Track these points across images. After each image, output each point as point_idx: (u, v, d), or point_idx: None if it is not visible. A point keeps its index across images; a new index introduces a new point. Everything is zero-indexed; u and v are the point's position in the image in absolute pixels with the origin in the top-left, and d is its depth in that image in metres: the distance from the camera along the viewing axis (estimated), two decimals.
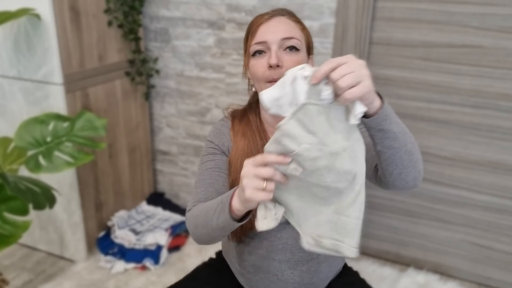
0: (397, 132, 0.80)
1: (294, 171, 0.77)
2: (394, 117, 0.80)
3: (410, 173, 0.85)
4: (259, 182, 0.75)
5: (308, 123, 0.73)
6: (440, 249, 2.00)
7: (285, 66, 0.94)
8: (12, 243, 1.53)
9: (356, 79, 0.69)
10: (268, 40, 0.96)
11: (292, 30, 0.98)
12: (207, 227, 0.91)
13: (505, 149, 1.78)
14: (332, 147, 0.74)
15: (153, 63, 2.24)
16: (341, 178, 0.76)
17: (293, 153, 0.75)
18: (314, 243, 0.81)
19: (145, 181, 2.43)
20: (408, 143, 0.82)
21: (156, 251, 2.04)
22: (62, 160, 1.59)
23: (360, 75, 0.69)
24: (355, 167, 0.76)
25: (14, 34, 1.78)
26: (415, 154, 0.84)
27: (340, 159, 0.75)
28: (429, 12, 1.72)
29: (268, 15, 0.99)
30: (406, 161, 0.83)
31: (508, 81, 1.69)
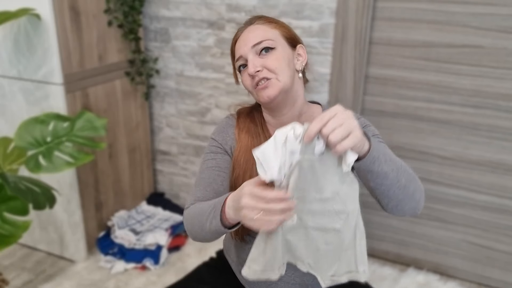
0: (388, 171, 0.81)
1: (290, 221, 0.81)
2: (384, 157, 0.81)
3: (407, 205, 0.87)
4: (256, 213, 0.75)
5: (302, 176, 0.77)
6: (440, 249, 2.00)
7: (266, 66, 0.97)
8: (12, 243, 1.53)
9: (346, 132, 0.72)
10: (243, 54, 0.99)
11: (262, 33, 0.99)
12: (202, 229, 0.93)
13: (505, 149, 1.78)
14: (325, 193, 0.80)
15: (153, 63, 2.24)
16: (335, 219, 0.82)
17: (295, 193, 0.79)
18: (332, 282, 0.88)
19: (145, 181, 2.43)
20: (402, 178, 0.84)
21: (156, 251, 2.04)
22: (62, 160, 1.59)
23: (350, 127, 0.72)
24: (347, 208, 0.81)
25: (14, 34, 1.78)
26: (410, 187, 0.85)
27: (332, 202, 0.80)
28: (429, 12, 1.72)
29: (240, 30, 1.02)
30: (401, 195, 0.85)
31: (508, 81, 1.69)
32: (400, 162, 0.86)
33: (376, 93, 1.90)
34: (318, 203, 0.81)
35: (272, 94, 0.97)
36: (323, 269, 0.88)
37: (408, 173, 0.86)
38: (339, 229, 0.82)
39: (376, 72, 1.87)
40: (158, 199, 2.45)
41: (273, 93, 0.97)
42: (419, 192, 0.88)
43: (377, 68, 1.86)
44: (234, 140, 1.07)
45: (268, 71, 0.97)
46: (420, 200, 0.89)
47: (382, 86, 1.88)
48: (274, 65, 0.97)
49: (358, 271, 0.87)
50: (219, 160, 1.05)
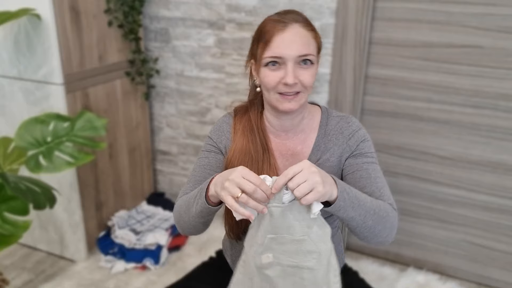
0: (354, 216, 0.88)
1: (266, 259, 0.89)
2: (352, 204, 0.87)
3: (372, 240, 0.95)
4: (236, 191, 0.80)
5: (273, 220, 0.85)
6: (440, 249, 2.00)
7: (300, 81, 0.96)
8: (12, 243, 1.53)
9: (310, 187, 0.78)
10: (285, 57, 0.94)
11: (308, 43, 0.96)
12: (188, 215, 0.97)
13: (505, 149, 1.78)
14: (295, 235, 0.86)
15: (153, 63, 2.24)
16: (308, 257, 0.88)
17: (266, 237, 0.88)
18: None
19: (145, 181, 2.43)
20: (369, 220, 0.90)
21: (156, 251, 2.04)
22: (62, 160, 1.59)
23: (313, 183, 0.78)
24: (318, 248, 0.87)
25: (14, 34, 1.78)
26: (377, 227, 0.92)
27: (304, 243, 0.87)
28: (429, 12, 1.72)
29: (282, 23, 0.95)
30: (366, 233, 0.92)
31: (508, 81, 1.70)
32: (371, 204, 0.91)
33: (376, 93, 1.90)
34: (291, 244, 0.87)
35: (294, 108, 0.98)
36: None
37: (377, 215, 0.91)
38: (312, 267, 0.88)
39: (376, 72, 1.87)
40: (158, 199, 2.45)
41: (296, 107, 0.98)
42: (388, 230, 0.94)
43: (377, 68, 1.87)
44: (229, 139, 1.07)
45: (301, 85, 0.96)
46: (388, 236, 0.95)
47: (382, 86, 1.88)
48: (309, 82, 0.97)
49: None
50: (211, 159, 1.07)
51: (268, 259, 0.90)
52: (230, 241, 1.14)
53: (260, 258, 0.90)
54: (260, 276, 0.93)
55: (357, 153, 1.04)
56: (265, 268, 0.91)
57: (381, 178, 1.02)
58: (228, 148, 1.06)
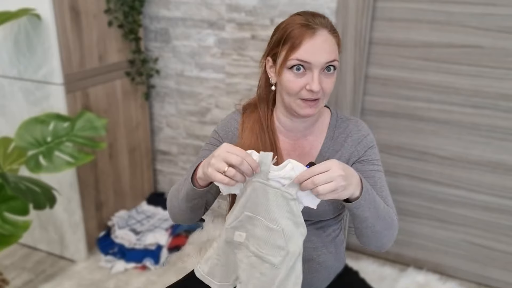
0: (368, 217, 0.89)
1: (239, 237, 0.89)
2: (369, 206, 0.88)
3: (372, 244, 0.98)
4: (223, 165, 0.81)
5: (254, 196, 0.85)
6: (440, 249, 2.00)
7: (322, 87, 0.96)
8: (12, 243, 1.53)
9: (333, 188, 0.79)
10: (313, 63, 0.94)
11: (334, 50, 0.96)
12: (177, 199, 0.99)
13: (505, 149, 1.78)
14: (269, 222, 0.85)
15: (153, 63, 2.24)
16: (275, 252, 0.86)
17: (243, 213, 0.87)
18: None
19: (145, 181, 2.43)
20: (378, 226, 0.92)
21: (156, 251, 2.04)
22: (62, 160, 1.59)
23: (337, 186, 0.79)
24: (287, 246, 0.85)
25: (14, 34, 1.78)
26: (383, 233, 0.94)
27: (275, 234, 0.85)
28: (429, 12, 1.72)
29: (312, 28, 0.94)
30: (371, 237, 0.94)
31: (507, 81, 1.70)
32: (383, 210, 0.92)
33: (376, 93, 1.90)
34: (263, 230, 0.86)
35: (313, 113, 0.99)
36: None
37: (386, 221, 0.93)
38: (275, 264, 0.87)
39: (376, 72, 1.87)
40: (158, 199, 2.45)
41: (314, 112, 0.99)
42: (390, 237, 0.97)
43: (377, 68, 1.87)
44: (235, 136, 1.07)
45: (322, 92, 0.97)
46: (386, 244, 0.98)
47: (382, 86, 1.88)
48: (330, 89, 0.98)
49: None
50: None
51: (240, 238, 0.89)
52: None
53: (233, 233, 0.89)
54: (227, 254, 0.92)
55: (365, 159, 1.04)
56: (235, 247, 0.91)
57: (386, 187, 1.04)
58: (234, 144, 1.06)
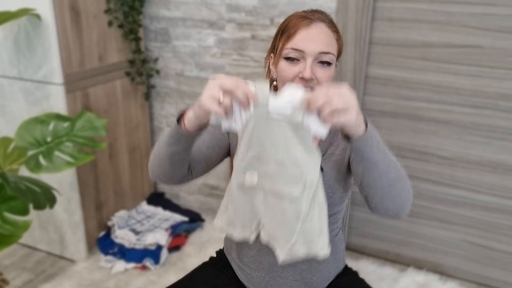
0: (378, 160, 0.82)
1: (250, 179, 0.83)
2: (376, 145, 0.82)
3: (391, 203, 0.86)
4: (218, 91, 0.77)
5: (257, 131, 0.80)
6: (440, 249, 2.00)
7: (316, 78, 0.96)
8: (12, 243, 1.53)
9: (345, 106, 0.74)
10: (306, 51, 0.95)
11: (330, 43, 0.97)
12: (158, 146, 0.94)
13: (505, 149, 1.78)
14: (279, 154, 0.80)
15: (153, 63, 2.24)
16: (291, 185, 0.81)
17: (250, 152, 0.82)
18: (289, 256, 0.86)
19: (145, 181, 2.43)
20: (391, 172, 0.84)
21: (156, 251, 2.04)
22: (62, 160, 1.59)
23: (350, 105, 0.74)
24: (304, 176, 0.80)
25: (14, 34, 1.78)
26: (398, 185, 0.85)
27: (288, 167, 0.80)
28: (429, 12, 1.72)
29: (308, 19, 0.97)
30: (387, 190, 0.85)
31: (507, 81, 1.70)
32: (394, 159, 0.86)
33: (376, 93, 1.90)
34: (275, 164, 0.81)
35: None
36: (280, 241, 0.86)
37: (398, 171, 0.86)
38: (295, 198, 0.81)
39: (376, 72, 1.87)
40: (158, 199, 2.45)
41: None
42: (406, 194, 0.87)
43: (377, 68, 1.87)
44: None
45: (317, 82, 0.96)
46: (406, 203, 0.88)
47: (382, 86, 1.88)
48: (324, 80, 0.97)
49: (316, 247, 0.85)
50: (217, 133, 1.06)
51: (252, 180, 0.84)
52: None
53: (244, 176, 0.84)
54: (243, 200, 0.87)
55: None
56: (249, 191, 0.86)
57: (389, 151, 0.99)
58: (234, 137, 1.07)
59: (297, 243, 0.84)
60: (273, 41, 1.04)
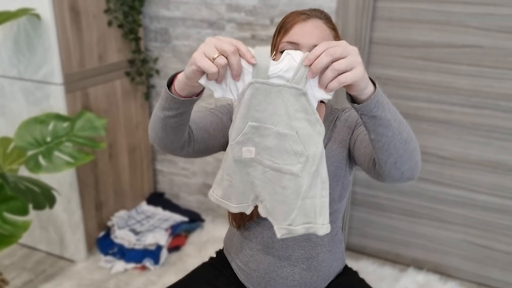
0: (390, 119, 0.77)
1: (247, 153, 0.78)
2: (387, 105, 0.78)
3: (406, 163, 0.82)
4: (214, 51, 0.72)
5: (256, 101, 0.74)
6: (440, 249, 2.00)
7: None
8: (12, 243, 1.53)
9: (350, 64, 0.69)
10: (301, 43, 0.94)
11: (326, 38, 0.97)
12: (155, 112, 0.88)
13: (505, 149, 1.78)
14: (280, 126, 0.75)
15: (153, 63, 2.24)
16: (293, 160, 0.76)
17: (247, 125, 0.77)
18: (287, 232, 0.82)
19: (145, 181, 2.43)
20: (404, 132, 0.80)
21: (156, 251, 2.04)
22: (62, 160, 1.59)
23: (354, 61, 0.69)
24: (306, 150, 0.75)
25: (14, 34, 1.78)
26: (411, 143, 0.81)
27: (289, 140, 0.75)
28: (429, 12, 1.72)
29: (305, 15, 0.98)
30: (401, 150, 0.80)
31: (508, 81, 1.69)
32: (401, 116, 0.83)
33: None
34: (275, 137, 0.76)
35: None
36: (279, 217, 0.82)
37: (408, 128, 0.82)
38: (296, 173, 0.77)
39: (376, 72, 1.87)
40: (158, 199, 2.45)
41: None
42: (418, 152, 0.84)
43: (377, 68, 1.87)
44: None
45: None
46: (418, 162, 0.84)
47: (382, 86, 1.87)
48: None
49: (316, 223, 0.81)
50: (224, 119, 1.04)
51: (250, 154, 0.79)
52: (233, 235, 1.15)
53: (241, 150, 0.79)
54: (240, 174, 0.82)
55: (358, 125, 1.01)
56: (246, 165, 0.81)
57: None
58: None
59: (296, 219, 0.80)
60: (272, 40, 1.04)
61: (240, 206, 0.86)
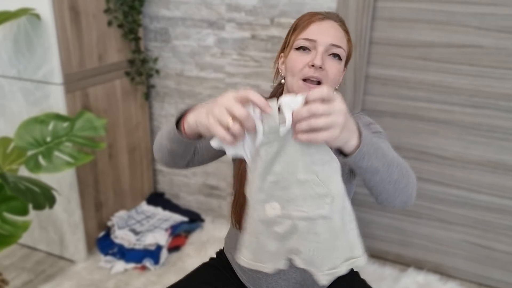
0: (378, 166, 0.78)
1: (272, 210, 0.76)
2: (374, 153, 0.77)
3: (397, 199, 0.85)
4: (226, 116, 0.68)
5: (269, 157, 0.72)
6: (440, 249, 2.00)
7: (326, 69, 0.96)
8: (12, 243, 1.53)
9: (329, 124, 0.66)
10: (318, 40, 0.96)
11: (341, 38, 0.99)
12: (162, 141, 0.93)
13: (505, 149, 1.77)
14: (298, 174, 0.73)
15: (153, 63, 2.24)
16: (319, 204, 0.74)
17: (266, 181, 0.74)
18: (332, 277, 0.81)
19: (145, 181, 2.43)
20: (394, 173, 0.81)
21: (156, 251, 2.04)
22: (62, 160, 1.59)
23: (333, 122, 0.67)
24: (330, 190, 0.74)
25: (14, 34, 1.78)
26: (402, 182, 0.83)
27: (311, 185, 0.73)
28: (429, 12, 1.71)
29: (322, 15, 1.01)
30: (392, 190, 0.82)
31: (508, 81, 1.69)
32: (394, 156, 0.84)
33: (376, 93, 1.90)
34: (297, 187, 0.73)
35: None
36: (319, 264, 0.80)
37: (401, 167, 0.84)
38: (326, 216, 0.75)
39: (376, 72, 1.87)
40: (158, 199, 2.45)
41: None
42: (411, 186, 0.86)
43: (377, 68, 1.86)
44: None
45: (326, 74, 0.96)
46: (412, 194, 0.86)
47: (382, 86, 1.88)
48: (333, 73, 0.97)
49: (355, 256, 0.80)
50: None
51: (275, 210, 0.76)
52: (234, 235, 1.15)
53: (264, 208, 0.76)
54: (267, 234, 0.79)
55: None
56: (272, 223, 0.78)
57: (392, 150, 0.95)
58: None
59: (337, 261, 0.79)
60: (285, 40, 1.05)
61: (275, 266, 0.83)
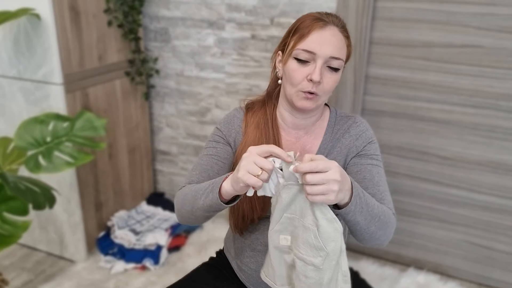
0: (360, 221, 0.87)
1: (284, 241, 0.87)
2: (361, 209, 0.86)
3: (369, 243, 0.95)
4: (256, 168, 0.79)
5: (288, 199, 0.83)
6: (440, 249, 2.00)
7: (324, 83, 0.97)
8: (12, 243, 1.53)
9: (324, 191, 0.76)
10: (317, 53, 0.96)
11: (341, 48, 0.98)
12: (193, 205, 0.96)
13: (505, 149, 1.77)
14: (305, 221, 0.82)
15: (153, 63, 2.24)
16: (314, 253, 0.82)
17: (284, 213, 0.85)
18: None
19: (145, 181, 2.43)
20: (372, 226, 0.90)
21: (156, 251, 2.04)
22: (62, 160, 1.58)
23: (328, 189, 0.76)
24: (326, 246, 0.81)
25: (14, 34, 1.78)
26: (378, 233, 0.92)
27: (311, 235, 0.81)
28: (429, 12, 1.71)
29: (323, 21, 0.98)
30: (367, 237, 0.92)
31: (508, 81, 1.69)
32: (377, 210, 0.90)
33: (376, 93, 1.90)
34: (302, 230, 0.83)
35: (309, 107, 1.00)
36: None
37: (381, 221, 0.91)
38: (318, 266, 0.82)
39: (376, 72, 1.87)
40: (158, 199, 2.45)
41: (311, 107, 1.00)
42: (387, 234, 0.95)
43: (377, 68, 1.86)
44: (239, 133, 1.08)
45: (322, 87, 0.98)
46: (385, 241, 0.96)
47: (382, 86, 1.88)
48: (330, 86, 0.99)
49: None
50: (219, 149, 1.07)
51: (286, 242, 0.87)
52: (233, 235, 1.15)
53: (278, 237, 0.87)
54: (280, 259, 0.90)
55: (363, 154, 1.04)
56: (284, 252, 0.89)
57: (384, 182, 1.02)
58: (237, 141, 1.08)
59: None
60: (284, 39, 1.04)
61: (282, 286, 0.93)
